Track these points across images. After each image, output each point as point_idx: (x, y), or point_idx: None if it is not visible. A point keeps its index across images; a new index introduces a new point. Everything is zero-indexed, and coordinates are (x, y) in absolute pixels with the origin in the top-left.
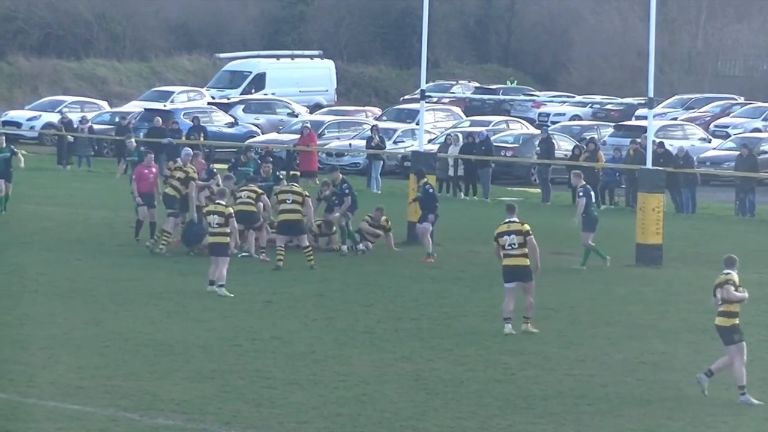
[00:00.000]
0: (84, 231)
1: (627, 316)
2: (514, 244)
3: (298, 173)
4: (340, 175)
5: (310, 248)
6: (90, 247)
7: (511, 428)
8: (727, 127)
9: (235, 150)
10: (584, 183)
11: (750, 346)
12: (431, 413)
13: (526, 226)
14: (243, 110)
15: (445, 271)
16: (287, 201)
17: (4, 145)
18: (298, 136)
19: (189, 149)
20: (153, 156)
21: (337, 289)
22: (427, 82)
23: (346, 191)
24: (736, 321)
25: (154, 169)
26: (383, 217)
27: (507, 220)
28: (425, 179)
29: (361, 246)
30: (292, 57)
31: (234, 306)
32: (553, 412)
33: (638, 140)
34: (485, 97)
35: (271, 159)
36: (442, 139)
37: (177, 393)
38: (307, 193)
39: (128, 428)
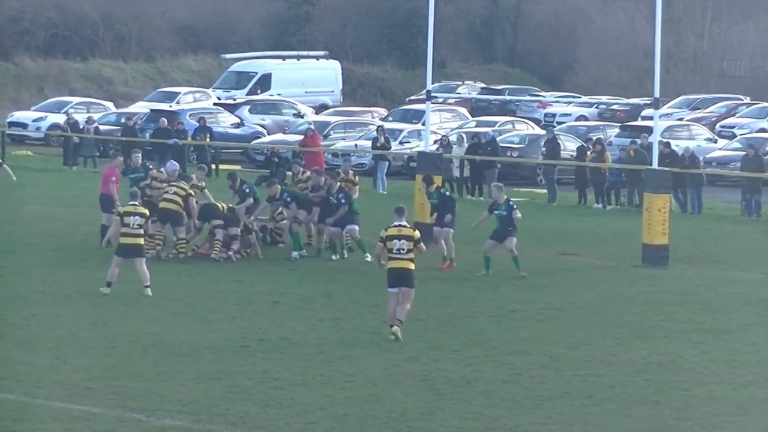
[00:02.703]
0: (90, 232)
1: (634, 316)
2: (403, 249)
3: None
4: (279, 188)
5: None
6: (96, 248)
7: (519, 429)
8: (733, 127)
9: (240, 150)
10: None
11: (757, 347)
12: (438, 414)
13: (417, 233)
14: (249, 111)
15: (452, 272)
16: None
17: None
18: (302, 137)
19: (175, 163)
20: (122, 159)
21: (345, 289)
22: (432, 83)
23: (342, 200)
24: None
25: (117, 172)
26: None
27: (397, 223)
28: (434, 183)
29: (368, 257)
30: (298, 58)
31: (241, 307)
32: (560, 412)
33: (638, 140)
34: (491, 97)
35: (277, 159)
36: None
37: (184, 394)
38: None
39: (135, 429)
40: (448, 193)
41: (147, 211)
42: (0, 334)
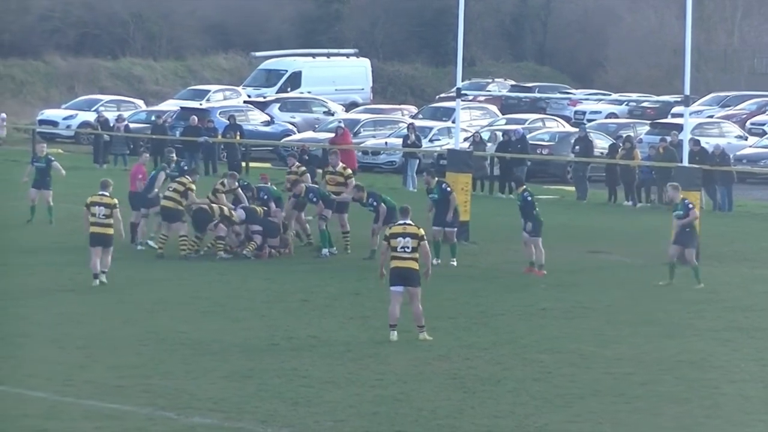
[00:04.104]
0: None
1: (664, 314)
2: (408, 247)
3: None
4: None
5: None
6: (126, 246)
7: (548, 427)
8: (764, 124)
9: (270, 148)
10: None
11: None
12: (468, 412)
13: (422, 231)
14: (279, 109)
15: (482, 270)
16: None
17: (44, 153)
18: (333, 135)
19: (235, 174)
20: (147, 156)
21: (374, 287)
22: (462, 81)
23: (373, 204)
24: None
25: (144, 170)
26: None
27: (401, 222)
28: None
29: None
30: (328, 55)
31: (271, 305)
32: (590, 410)
33: (668, 138)
34: (521, 95)
35: (307, 157)
36: (480, 137)
37: (214, 392)
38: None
39: (166, 427)
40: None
41: (114, 201)
42: (30, 333)
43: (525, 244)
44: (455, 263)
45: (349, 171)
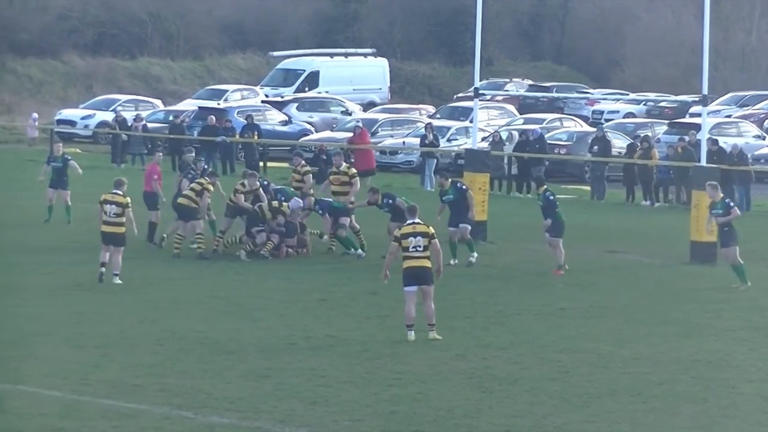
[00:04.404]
0: (137, 229)
1: (681, 314)
2: (419, 247)
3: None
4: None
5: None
6: (143, 245)
7: (566, 426)
8: None
9: (288, 148)
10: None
11: None
12: (486, 411)
13: (432, 229)
14: (297, 108)
15: (499, 269)
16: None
17: (60, 153)
18: (351, 135)
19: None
20: (161, 155)
21: (391, 287)
22: (480, 80)
23: (389, 202)
24: None
25: (159, 169)
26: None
27: (410, 221)
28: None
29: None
30: (346, 55)
31: (288, 304)
32: (607, 410)
33: (686, 138)
34: (539, 94)
35: (325, 157)
36: (500, 136)
37: (231, 391)
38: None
39: (182, 426)
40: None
41: (126, 200)
42: (46, 332)
43: (549, 245)
44: (475, 258)
45: (354, 170)
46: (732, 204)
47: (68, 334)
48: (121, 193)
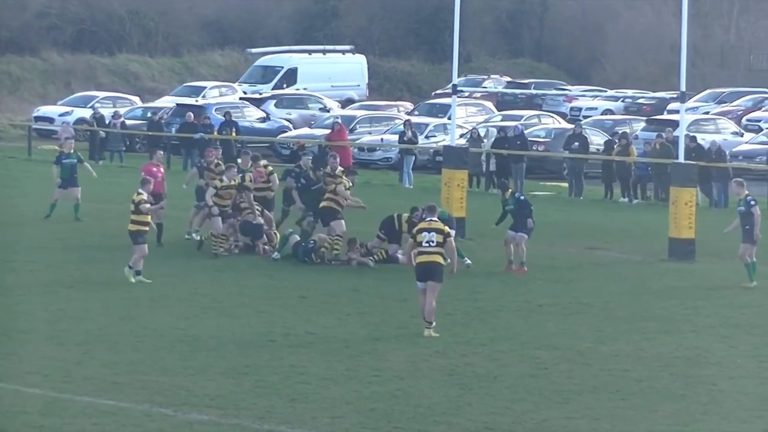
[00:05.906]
0: (118, 227)
1: (661, 310)
2: (432, 242)
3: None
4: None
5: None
6: (124, 243)
7: (546, 423)
8: (760, 121)
9: (266, 145)
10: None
11: None
12: (465, 408)
13: (447, 228)
14: (275, 105)
15: (479, 266)
16: None
17: (72, 150)
18: (329, 131)
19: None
20: (162, 153)
21: (372, 284)
22: (459, 77)
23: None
24: None
25: (162, 168)
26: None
27: (428, 218)
28: (509, 189)
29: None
30: (324, 52)
31: (268, 302)
32: (587, 407)
33: (664, 134)
34: (517, 91)
35: (304, 153)
36: (478, 133)
37: (211, 388)
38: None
39: (163, 423)
40: (523, 198)
41: (137, 198)
42: (28, 329)
43: (507, 242)
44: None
45: (271, 168)
46: (753, 202)
47: (51, 331)
48: (140, 191)
